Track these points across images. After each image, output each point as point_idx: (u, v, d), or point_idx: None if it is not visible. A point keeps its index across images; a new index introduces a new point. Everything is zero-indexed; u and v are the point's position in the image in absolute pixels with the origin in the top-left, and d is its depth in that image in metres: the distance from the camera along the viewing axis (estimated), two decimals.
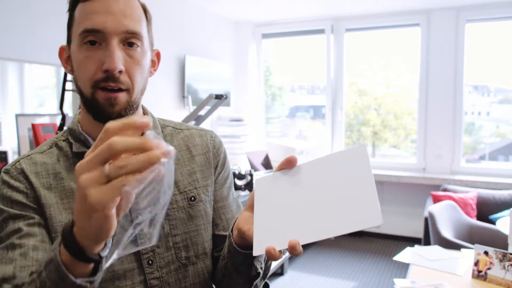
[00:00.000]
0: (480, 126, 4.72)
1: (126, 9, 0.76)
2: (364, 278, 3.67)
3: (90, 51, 0.75)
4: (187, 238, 0.86)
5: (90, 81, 0.76)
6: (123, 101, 0.78)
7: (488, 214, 3.71)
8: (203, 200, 0.89)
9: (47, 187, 0.79)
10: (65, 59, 0.83)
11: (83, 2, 0.76)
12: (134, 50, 0.78)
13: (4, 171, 0.80)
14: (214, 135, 0.98)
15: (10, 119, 3.85)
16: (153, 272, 0.81)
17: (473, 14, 4.18)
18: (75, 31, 0.77)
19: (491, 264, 1.84)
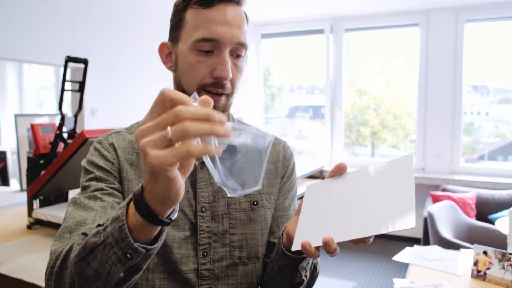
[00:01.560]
0: (479, 126, 4.72)
1: (239, 20, 0.81)
2: (363, 278, 3.67)
3: (202, 56, 0.80)
4: (243, 239, 0.89)
5: (198, 84, 0.81)
6: (223, 104, 0.84)
7: (487, 214, 3.71)
8: (264, 206, 0.92)
9: (130, 163, 0.85)
10: (166, 55, 0.89)
11: (200, 9, 0.79)
12: (239, 60, 0.84)
13: (98, 141, 0.88)
14: (287, 146, 1.01)
15: (9, 119, 3.85)
16: (205, 263, 0.85)
17: (472, 14, 4.18)
18: (187, 34, 0.81)
19: (490, 264, 1.84)
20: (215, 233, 0.86)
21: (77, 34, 2.90)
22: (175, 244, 0.84)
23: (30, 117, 3.08)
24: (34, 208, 2.05)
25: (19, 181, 2.90)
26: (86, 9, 2.98)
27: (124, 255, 0.57)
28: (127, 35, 3.35)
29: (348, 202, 0.69)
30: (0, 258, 1.62)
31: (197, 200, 0.86)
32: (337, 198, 0.72)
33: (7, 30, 2.46)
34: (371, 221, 0.64)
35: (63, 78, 2.05)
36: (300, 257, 0.78)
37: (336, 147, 4.86)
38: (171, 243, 0.84)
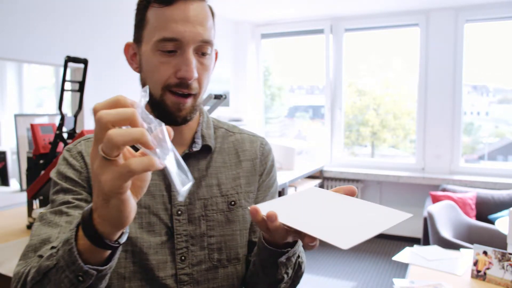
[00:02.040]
0: (479, 126, 4.72)
1: (201, 16, 0.79)
2: (363, 278, 3.67)
3: (166, 56, 0.78)
4: (222, 241, 0.87)
5: (162, 84, 0.80)
6: (190, 105, 0.82)
7: (487, 214, 3.71)
8: (243, 206, 0.90)
9: None
10: (131, 56, 0.87)
11: (160, 7, 0.77)
12: (205, 58, 0.82)
13: (67, 149, 0.86)
14: (264, 142, 0.99)
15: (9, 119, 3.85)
16: (184, 268, 0.83)
17: (472, 14, 4.18)
18: (149, 34, 0.79)
19: (490, 264, 1.84)
20: (192, 236, 0.84)
21: (77, 34, 2.90)
22: (151, 250, 0.82)
23: (30, 117, 3.08)
24: (34, 208, 2.05)
25: (19, 181, 2.90)
26: (86, 9, 2.98)
27: (76, 277, 0.56)
28: (127, 35, 3.34)
29: (324, 209, 0.69)
30: (0, 258, 1.62)
31: (173, 203, 0.84)
32: (320, 203, 0.72)
33: (7, 30, 2.45)
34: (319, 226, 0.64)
35: (63, 78, 2.04)
36: (280, 251, 0.76)
37: (336, 147, 4.86)
38: (147, 249, 0.81)
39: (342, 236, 0.62)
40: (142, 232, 0.82)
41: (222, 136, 0.95)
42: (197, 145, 0.89)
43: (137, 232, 0.81)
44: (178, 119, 0.82)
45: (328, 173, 4.69)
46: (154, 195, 0.84)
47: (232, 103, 4.84)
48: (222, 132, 0.96)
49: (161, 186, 0.85)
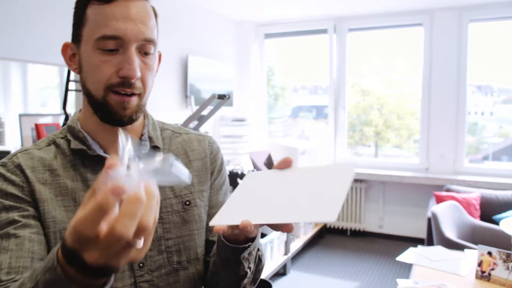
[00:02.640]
0: (484, 126, 4.71)
1: (144, 15, 0.77)
2: (366, 279, 3.66)
3: (106, 55, 0.75)
4: (180, 243, 0.85)
5: (104, 85, 0.76)
6: (135, 104, 0.79)
7: (492, 215, 3.69)
8: (197, 205, 0.89)
9: (42, 182, 0.78)
10: (69, 57, 0.83)
11: (100, 5, 0.75)
12: (148, 57, 0.79)
13: (1, 164, 0.80)
14: (212, 140, 0.98)
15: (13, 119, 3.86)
16: (143, 275, 0.80)
17: (476, 13, 4.17)
18: (89, 32, 0.76)
19: (494, 265, 1.83)
20: None
21: None
22: None
23: (34, 117, 3.09)
24: None
25: None
26: None
27: None
28: None
29: (279, 192, 0.70)
30: None
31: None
32: (271, 187, 0.72)
33: (11, 30, 2.47)
34: (293, 210, 0.65)
35: (67, 78, 2.05)
36: (242, 247, 0.75)
37: (339, 147, 4.85)
38: None
39: (320, 210, 0.63)
40: None
41: (169, 137, 0.93)
42: (145, 147, 0.86)
43: None
44: (124, 119, 0.79)
45: None
46: None
47: (236, 103, 4.84)
48: (168, 134, 0.94)
49: None
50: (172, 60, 3.79)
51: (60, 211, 0.77)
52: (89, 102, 0.81)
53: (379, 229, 4.76)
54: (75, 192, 0.79)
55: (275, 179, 0.73)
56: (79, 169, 0.81)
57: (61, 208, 0.77)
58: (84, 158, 0.81)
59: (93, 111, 0.81)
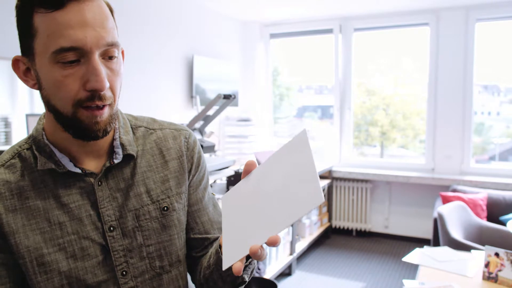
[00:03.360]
0: (490, 126, 4.67)
1: (101, 17, 0.69)
2: (372, 279, 3.65)
3: (68, 68, 0.68)
4: (161, 248, 0.84)
5: (72, 101, 0.70)
6: (107, 115, 0.74)
7: (499, 215, 3.67)
8: (176, 209, 0.86)
9: (11, 209, 0.75)
10: (24, 72, 0.75)
11: (49, 12, 0.66)
12: (113, 62, 0.72)
13: None
14: (188, 134, 0.92)
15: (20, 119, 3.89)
16: (127, 282, 0.80)
17: (483, 13, 4.14)
18: (42, 45, 0.68)
19: (502, 266, 1.82)
20: (130, 249, 0.81)
21: None
22: (88, 275, 0.77)
23: None
24: None
25: None
26: None
27: None
28: (133, 35, 3.37)
29: (259, 201, 0.67)
30: None
31: (103, 220, 0.79)
32: (249, 200, 0.69)
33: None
34: (287, 210, 0.62)
35: None
36: (244, 265, 0.73)
37: (345, 147, 4.84)
38: (84, 275, 0.77)
39: (307, 199, 0.60)
40: (75, 261, 0.77)
41: (142, 136, 0.87)
42: (118, 156, 0.82)
43: (70, 263, 0.76)
44: (99, 133, 0.73)
45: (337, 173, 4.68)
46: (81, 217, 0.77)
47: (241, 103, 4.84)
48: (142, 132, 0.88)
49: (87, 206, 0.78)
50: (177, 60, 3.80)
51: (34, 235, 0.75)
52: (56, 119, 0.74)
53: (385, 230, 4.74)
54: (48, 212, 0.76)
55: (249, 190, 0.71)
56: (49, 185, 0.77)
57: (35, 231, 0.75)
58: (54, 173, 0.77)
59: (62, 128, 0.75)
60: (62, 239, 0.76)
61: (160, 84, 3.56)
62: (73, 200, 0.78)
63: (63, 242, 0.76)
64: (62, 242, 0.76)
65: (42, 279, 0.75)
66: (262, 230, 0.64)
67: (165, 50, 3.59)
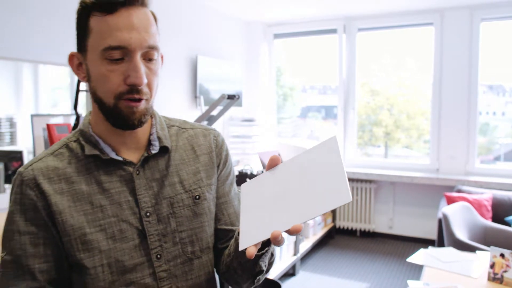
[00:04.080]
0: (495, 126, 4.65)
1: (146, 23, 0.80)
2: (376, 280, 3.64)
3: (113, 65, 0.79)
4: (192, 234, 0.91)
5: (114, 93, 0.81)
6: (143, 108, 0.83)
7: (504, 216, 3.65)
8: (207, 199, 0.94)
9: (59, 192, 0.84)
10: (77, 66, 0.86)
11: (102, 16, 0.78)
12: (152, 63, 0.83)
13: (18, 173, 0.85)
14: (217, 134, 1.02)
15: (25, 119, 3.91)
16: (161, 265, 0.87)
17: (487, 12, 4.12)
18: (94, 43, 0.80)
19: (507, 267, 1.81)
20: (164, 234, 0.88)
21: None
22: (125, 256, 0.85)
23: (46, 117, 3.12)
24: None
25: None
26: None
27: None
28: None
29: (283, 192, 0.72)
30: None
31: (140, 206, 0.87)
32: (273, 190, 0.75)
33: (22, 31, 2.49)
34: (311, 204, 0.67)
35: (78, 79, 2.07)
36: (260, 253, 0.81)
37: (349, 148, 4.83)
38: (122, 257, 0.84)
39: (333, 195, 0.65)
40: (115, 242, 0.84)
41: (175, 134, 0.97)
42: (155, 147, 0.91)
43: (109, 243, 0.84)
44: (134, 122, 0.83)
45: None
46: (120, 202, 0.86)
47: (245, 103, 4.84)
48: (175, 130, 0.98)
49: (126, 192, 0.87)
50: (181, 60, 3.80)
51: (79, 216, 0.83)
52: (100, 109, 0.85)
53: (389, 230, 4.73)
54: (91, 196, 0.85)
55: (272, 181, 0.76)
56: (93, 172, 0.86)
57: (80, 213, 0.83)
58: (97, 161, 0.87)
59: (104, 117, 0.85)
60: (103, 220, 0.84)
61: (164, 84, 3.57)
62: (114, 187, 0.86)
63: (104, 223, 0.84)
64: (103, 224, 0.84)
65: (85, 255, 0.83)
66: (286, 218, 0.69)
67: (169, 50, 3.59)
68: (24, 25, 2.50)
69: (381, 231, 4.77)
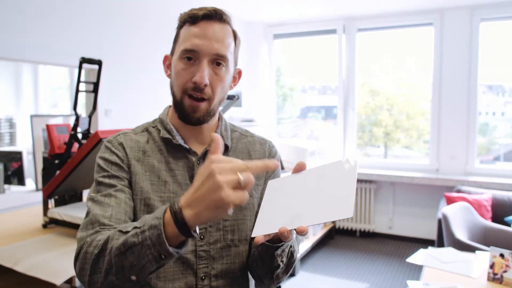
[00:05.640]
0: (495, 127, 4.65)
1: (219, 35, 0.95)
2: (376, 280, 3.64)
3: (187, 64, 0.95)
4: (235, 224, 1.02)
5: (182, 88, 0.96)
6: (203, 109, 0.97)
7: (503, 216, 3.65)
8: (253, 196, 1.05)
9: (136, 159, 1.00)
10: (167, 65, 1.05)
11: (189, 26, 0.96)
12: (219, 68, 0.96)
13: (108, 140, 1.02)
14: (272, 145, 1.16)
15: (25, 119, 3.91)
16: (202, 245, 0.98)
17: (487, 12, 4.12)
18: (178, 46, 0.98)
19: (507, 267, 1.81)
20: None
21: (92, 36, 2.93)
22: None
23: (45, 118, 3.12)
24: (49, 208, 2.07)
25: (35, 181, 2.94)
26: (100, 11, 3.01)
27: (159, 256, 0.73)
28: (140, 37, 3.38)
29: (299, 195, 0.81)
30: (17, 256, 1.65)
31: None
32: (292, 192, 0.84)
33: (22, 32, 2.49)
34: (318, 212, 0.76)
35: (77, 79, 2.07)
36: (275, 246, 0.90)
37: (349, 148, 4.83)
38: None
39: (337, 209, 0.73)
40: None
41: (237, 138, 1.12)
42: None
43: None
44: (193, 120, 0.98)
45: None
46: (181, 183, 1.00)
47: (244, 103, 4.84)
48: (237, 135, 1.12)
49: (186, 176, 1.01)
50: None
51: (147, 183, 0.98)
52: (173, 102, 1.02)
53: (389, 230, 4.73)
54: (160, 171, 0.99)
55: (294, 184, 0.85)
56: (164, 153, 1.02)
57: (148, 181, 0.98)
58: (169, 145, 1.02)
59: (174, 110, 1.03)
60: (164, 194, 0.98)
61: (163, 84, 3.57)
62: (178, 169, 1.01)
63: (164, 196, 0.98)
64: (163, 196, 0.98)
65: (145, 214, 0.91)
66: (295, 219, 0.77)
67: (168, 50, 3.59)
68: (24, 26, 2.50)
69: (381, 231, 4.77)
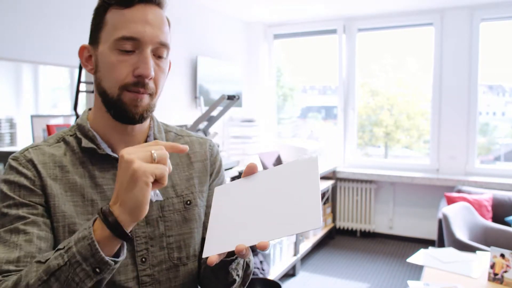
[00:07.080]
0: (495, 127, 4.65)
1: (160, 21, 0.82)
2: (376, 280, 3.64)
3: (124, 55, 0.80)
4: (181, 240, 0.89)
5: (120, 83, 0.81)
6: (146, 103, 0.83)
7: (504, 216, 3.65)
8: (198, 205, 0.93)
9: (53, 178, 0.82)
10: (86, 58, 0.87)
11: (120, 9, 0.80)
12: (161, 60, 0.84)
13: (13, 158, 0.83)
14: (212, 144, 1.02)
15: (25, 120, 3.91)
16: (145, 269, 0.85)
17: (487, 12, 4.12)
18: (107, 34, 0.81)
19: (507, 267, 1.81)
20: (151, 237, 0.86)
21: None
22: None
23: (46, 118, 3.12)
24: None
25: None
26: None
27: (93, 270, 0.65)
28: None
29: (256, 203, 0.71)
30: None
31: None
32: (245, 200, 0.73)
33: (22, 32, 2.49)
34: (280, 223, 0.65)
35: (78, 79, 2.07)
36: (229, 260, 0.79)
37: (349, 148, 4.83)
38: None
39: (304, 219, 0.63)
40: None
41: (172, 139, 0.97)
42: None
43: None
44: (136, 116, 0.83)
45: (341, 174, 4.67)
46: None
47: (245, 103, 4.85)
48: (172, 136, 0.98)
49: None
50: (181, 61, 3.80)
51: (69, 206, 0.81)
52: (102, 101, 0.85)
53: (389, 230, 4.73)
54: (83, 189, 0.83)
55: (247, 190, 0.74)
56: (87, 166, 0.85)
57: (70, 203, 0.82)
58: (92, 156, 0.86)
59: (105, 110, 0.85)
60: (92, 215, 0.82)
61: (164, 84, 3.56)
62: (107, 183, 0.85)
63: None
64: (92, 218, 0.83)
65: None
66: (253, 233, 0.67)
67: None
68: (24, 26, 2.50)
69: (381, 231, 4.77)
